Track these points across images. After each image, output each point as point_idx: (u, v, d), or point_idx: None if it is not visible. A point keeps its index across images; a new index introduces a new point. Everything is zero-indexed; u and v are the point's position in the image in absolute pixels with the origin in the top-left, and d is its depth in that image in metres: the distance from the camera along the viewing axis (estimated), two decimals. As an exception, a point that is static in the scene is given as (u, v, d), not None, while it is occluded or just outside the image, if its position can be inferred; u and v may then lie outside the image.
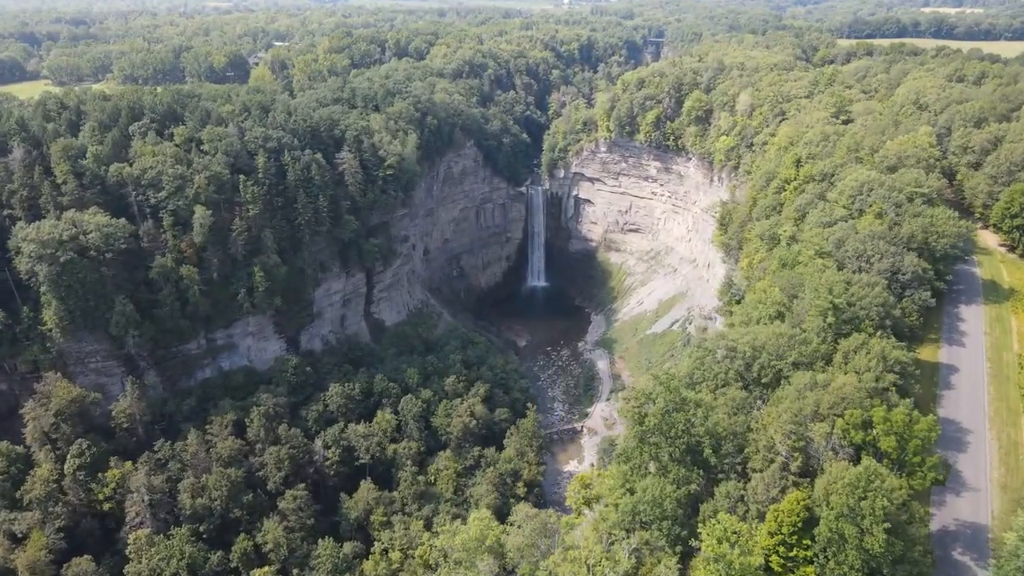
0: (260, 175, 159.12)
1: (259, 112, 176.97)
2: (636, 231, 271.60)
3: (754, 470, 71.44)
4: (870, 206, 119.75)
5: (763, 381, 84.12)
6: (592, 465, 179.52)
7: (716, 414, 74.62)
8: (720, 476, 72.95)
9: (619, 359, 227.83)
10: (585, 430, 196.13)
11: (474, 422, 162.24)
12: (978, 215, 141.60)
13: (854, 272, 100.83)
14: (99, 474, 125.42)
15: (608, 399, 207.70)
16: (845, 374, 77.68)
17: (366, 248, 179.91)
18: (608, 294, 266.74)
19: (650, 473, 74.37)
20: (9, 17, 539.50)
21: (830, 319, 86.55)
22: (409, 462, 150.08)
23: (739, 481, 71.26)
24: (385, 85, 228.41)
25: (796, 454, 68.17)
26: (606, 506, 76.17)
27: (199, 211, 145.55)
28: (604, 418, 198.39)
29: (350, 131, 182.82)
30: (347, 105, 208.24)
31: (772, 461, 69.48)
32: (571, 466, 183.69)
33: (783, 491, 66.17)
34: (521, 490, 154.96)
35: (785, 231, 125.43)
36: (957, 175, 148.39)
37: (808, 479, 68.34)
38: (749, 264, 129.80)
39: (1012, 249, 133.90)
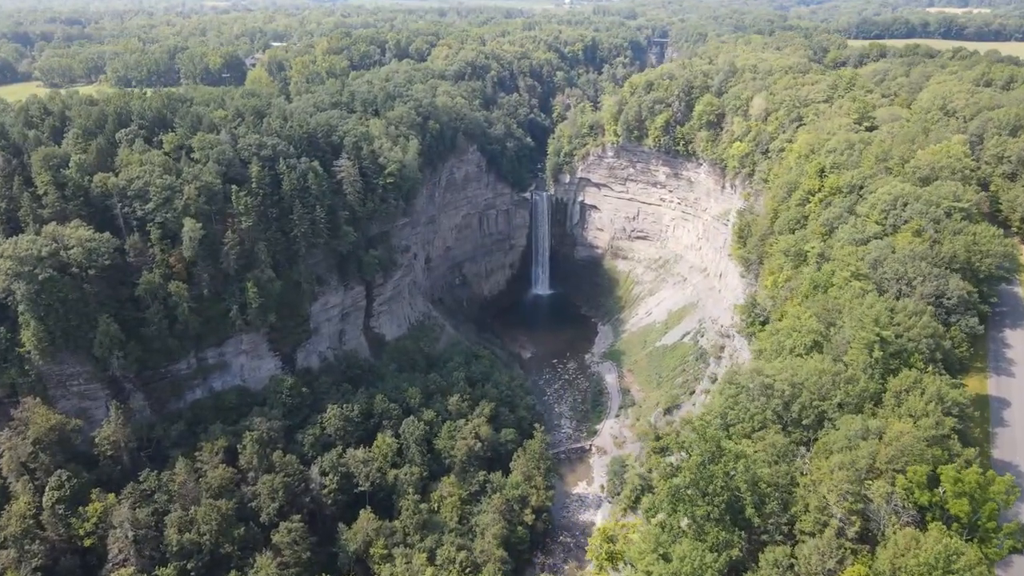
0: (254, 185, 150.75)
1: (253, 118, 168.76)
2: (644, 238, 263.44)
3: (803, 532, 63.35)
4: (905, 222, 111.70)
5: (804, 423, 76.01)
6: (602, 486, 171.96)
7: (757, 465, 66.42)
8: (764, 537, 64.80)
9: (628, 372, 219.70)
10: (594, 449, 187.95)
11: (479, 445, 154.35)
12: (1015, 229, 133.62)
13: (896, 297, 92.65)
14: (80, 507, 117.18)
15: (617, 415, 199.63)
16: (899, 419, 69.54)
17: (366, 260, 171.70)
18: (615, 303, 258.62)
19: (684, 533, 66.23)
20: (3, 16, 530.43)
21: (877, 353, 78.44)
22: (411, 489, 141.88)
23: (787, 545, 63.11)
24: (385, 88, 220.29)
25: (853, 517, 60.04)
26: (636, 572, 68.02)
27: (189, 224, 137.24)
28: (613, 436, 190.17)
29: (349, 137, 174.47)
30: (346, 109, 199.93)
31: (826, 524, 61.36)
32: (580, 488, 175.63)
33: (840, 562, 58.11)
34: (529, 517, 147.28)
35: (813, 248, 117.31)
36: (991, 186, 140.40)
37: (867, 546, 60.24)
38: (774, 283, 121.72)
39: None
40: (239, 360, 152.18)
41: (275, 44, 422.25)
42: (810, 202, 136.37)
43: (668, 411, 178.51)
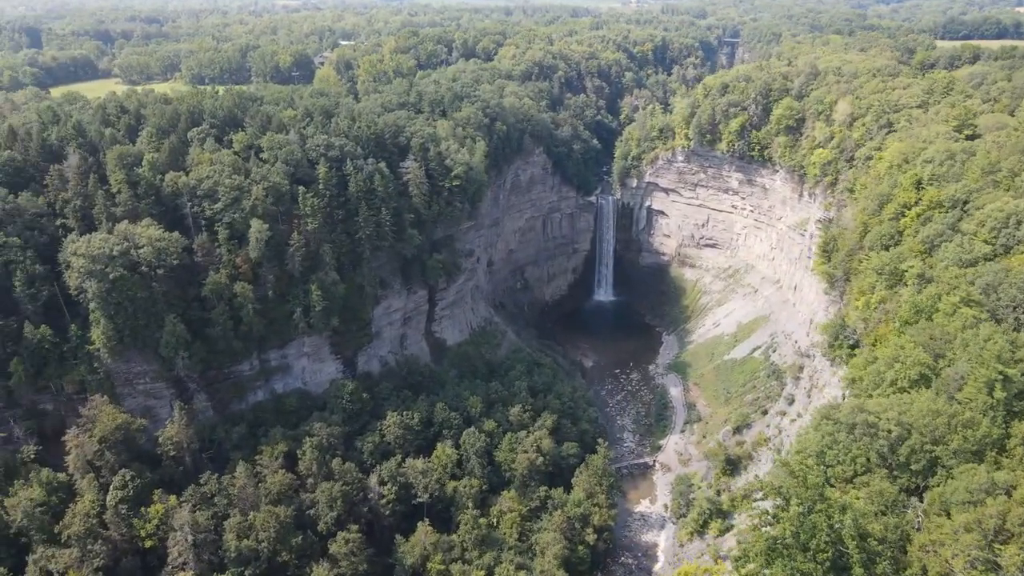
0: (321, 186, 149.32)
1: (322, 117, 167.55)
2: (713, 246, 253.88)
3: (920, 599, 56.27)
4: (1020, 242, 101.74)
5: (912, 468, 68.48)
6: (665, 506, 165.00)
7: (866, 518, 59.43)
8: (872, 601, 57.96)
9: (693, 386, 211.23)
10: (658, 465, 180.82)
11: (541, 459, 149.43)
12: None
13: (1014, 328, 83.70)
14: (142, 508, 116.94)
15: (682, 431, 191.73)
16: (1030, 472, 61.59)
17: (429, 264, 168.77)
18: (681, 313, 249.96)
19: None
20: (87, 15, 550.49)
21: (999, 394, 70.27)
22: (470, 503, 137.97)
23: (901, 614, 56.23)
24: (452, 88, 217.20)
25: (983, 588, 52.80)
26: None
27: (256, 224, 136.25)
28: (678, 452, 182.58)
29: (416, 138, 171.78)
30: (413, 110, 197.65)
31: (949, 594, 54.27)
32: (643, 506, 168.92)
33: (968, 639, 51.01)
34: (591, 537, 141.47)
35: (912, 267, 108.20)
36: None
37: (998, 622, 52.96)
38: (866, 304, 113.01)
39: None
40: (301, 363, 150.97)
41: (343, 43, 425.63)
42: (905, 216, 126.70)
43: (738, 430, 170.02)
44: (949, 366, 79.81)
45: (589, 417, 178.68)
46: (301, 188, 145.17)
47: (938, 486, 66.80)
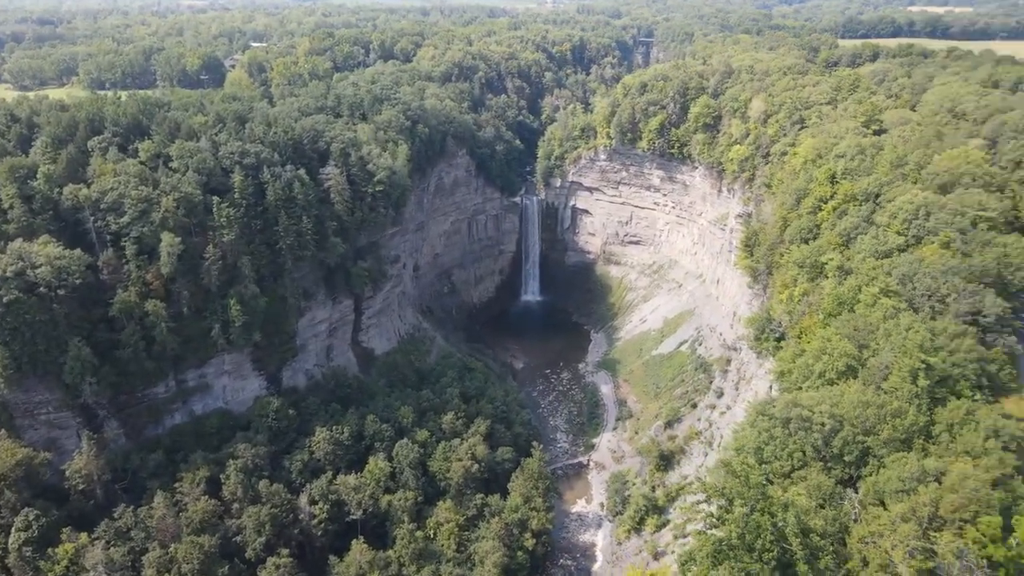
0: (236, 195, 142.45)
1: (235, 123, 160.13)
2: (637, 243, 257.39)
3: (861, 593, 56.95)
4: (929, 232, 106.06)
5: (846, 459, 69.73)
6: (602, 504, 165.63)
7: (808, 515, 59.83)
8: (816, 598, 58.28)
9: (623, 382, 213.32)
10: (592, 464, 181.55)
11: (476, 466, 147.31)
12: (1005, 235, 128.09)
13: (931, 316, 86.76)
14: (49, 548, 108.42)
15: (615, 428, 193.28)
16: (956, 457, 63.41)
17: (354, 272, 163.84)
18: (608, 310, 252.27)
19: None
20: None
21: (922, 382, 72.39)
22: (406, 516, 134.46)
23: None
24: (372, 91, 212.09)
25: (921, 579, 53.76)
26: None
27: (167, 238, 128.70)
28: (612, 450, 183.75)
29: (336, 143, 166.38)
30: (331, 114, 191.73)
31: (889, 587, 55.05)
32: (579, 506, 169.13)
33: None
34: (529, 542, 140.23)
35: (831, 260, 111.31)
36: (1006, 192, 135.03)
37: (936, 611, 54.05)
38: (789, 297, 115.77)
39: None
40: (221, 381, 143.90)
41: (255, 45, 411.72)
42: (822, 210, 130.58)
43: (669, 424, 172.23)
44: (874, 356, 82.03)
45: (522, 420, 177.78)
46: (215, 198, 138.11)
47: (871, 476, 68.24)
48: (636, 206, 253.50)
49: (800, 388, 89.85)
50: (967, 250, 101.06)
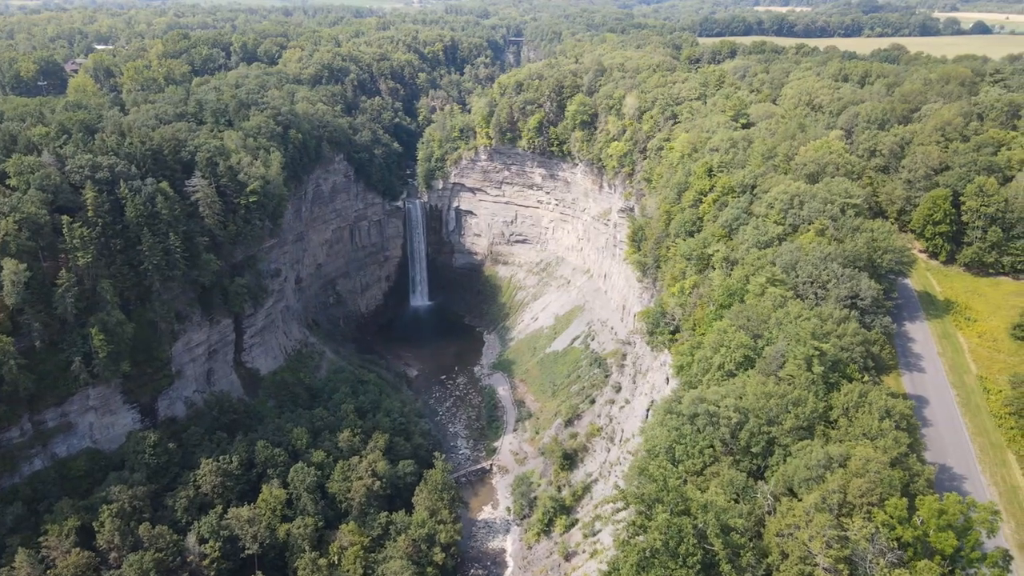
0: (90, 213, 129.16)
1: (82, 134, 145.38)
2: (523, 242, 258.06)
3: (785, 584, 57.39)
4: (804, 221, 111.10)
5: (753, 451, 70.83)
6: (508, 509, 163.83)
7: (727, 514, 59.80)
8: (742, 595, 58.32)
9: (520, 382, 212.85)
10: (495, 468, 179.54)
11: (378, 483, 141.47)
12: (892, 221, 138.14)
13: (815, 303, 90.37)
14: None
15: (515, 430, 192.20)
16: (856, 441, 65.62)
17: (232, 290, 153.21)
18: (499, 311, 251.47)
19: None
20: None
21: (817, 368, 74.75)
22: (306, 544, 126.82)
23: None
24: (237, 95, 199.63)
25: (841, 566, 54.62)
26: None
27: (10, 265, 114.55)
28: (514, 452, 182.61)
29: (201, 152, 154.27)
30: (193, 121, 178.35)
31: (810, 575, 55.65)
32: (485, 512, 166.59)
33: (835, 617, 52.54)
34: (439, 556, 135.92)
35: (718, 251, 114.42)
36: (862, 179, 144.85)
37: (857, 594, 55.17)
38: (681, 289, 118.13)
39: (934, 256, 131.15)
40: (87, 419, 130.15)
41: (99, 47, 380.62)
42: (703, 203, 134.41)
43: (569, 422, 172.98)
44: (767, 346, 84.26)
45: (422, 430, 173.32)
46: (65, 218, 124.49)
47: (777, 466, 69.61)
48: (520, 205, 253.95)
49: (700, 381, 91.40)
50: (839, 236, 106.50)
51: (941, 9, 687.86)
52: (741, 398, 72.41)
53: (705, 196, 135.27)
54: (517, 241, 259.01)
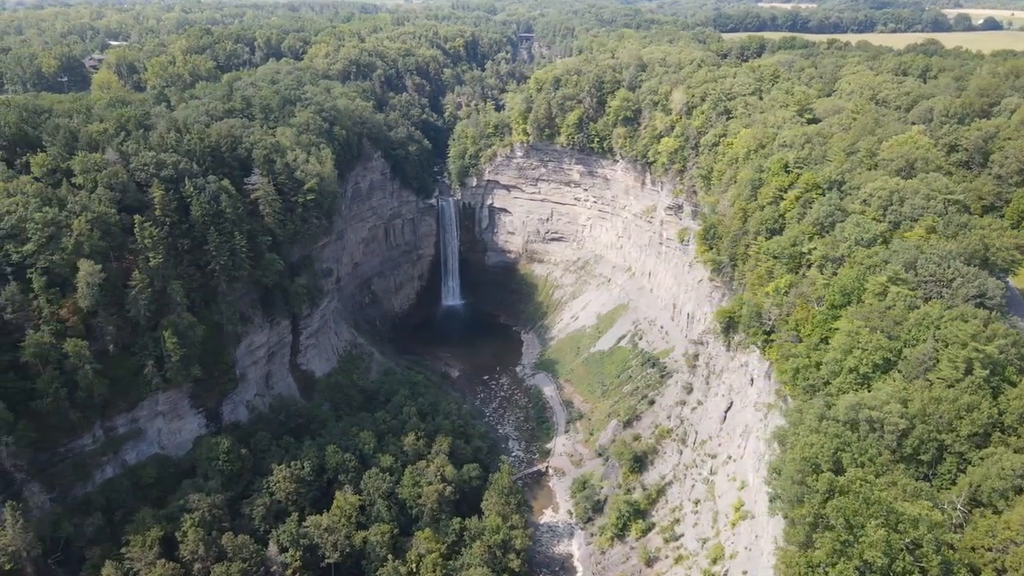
0: (158, 212, 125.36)
1: (141, 131, 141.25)
2: (559, 240, 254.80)
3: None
4: (906, 218, 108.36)
5: (921, 458, 68.04)
6: (569, 512, 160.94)
7: (940, 530, 56.68)
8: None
9: (565, 382, 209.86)
10: (551, 471, 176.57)
11: (449, 488, 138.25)
12: (979, 217, 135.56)
13: (948, 306, 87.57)
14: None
15: (567, 431, 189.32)
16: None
17: (292, 290, 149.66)
18: (536, 310, 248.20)
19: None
20: None
21: (979, 372, 71.96)
22: (386, 552, 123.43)
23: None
24: (279, 91, 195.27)
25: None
26: None
27: (85, 266, 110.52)
28: (568, 454, 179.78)
29: (258, 149, 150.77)
30: (241, 117, 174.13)
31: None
32: (547, 516, 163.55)
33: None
34: (514, 562, 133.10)
35: (816, 250, 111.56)
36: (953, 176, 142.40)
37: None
38: (776, 289, 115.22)
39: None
40: (155, 424, 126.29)
41: (113, 43, 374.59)
42: (784, 199, 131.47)
43: (628, 423, 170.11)
44: (906, 347, 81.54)
45: (480, 432, 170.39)
46: (137, 217, 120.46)
47: (948, 474, 66.95)
48: (556, 202, 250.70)
49: (825, 385, 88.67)
50: (948, 233, 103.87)
51: (945, 5, 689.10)
52: (906, 403, 69.52)
53: (786, 193, 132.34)
54: (553, 239, 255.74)
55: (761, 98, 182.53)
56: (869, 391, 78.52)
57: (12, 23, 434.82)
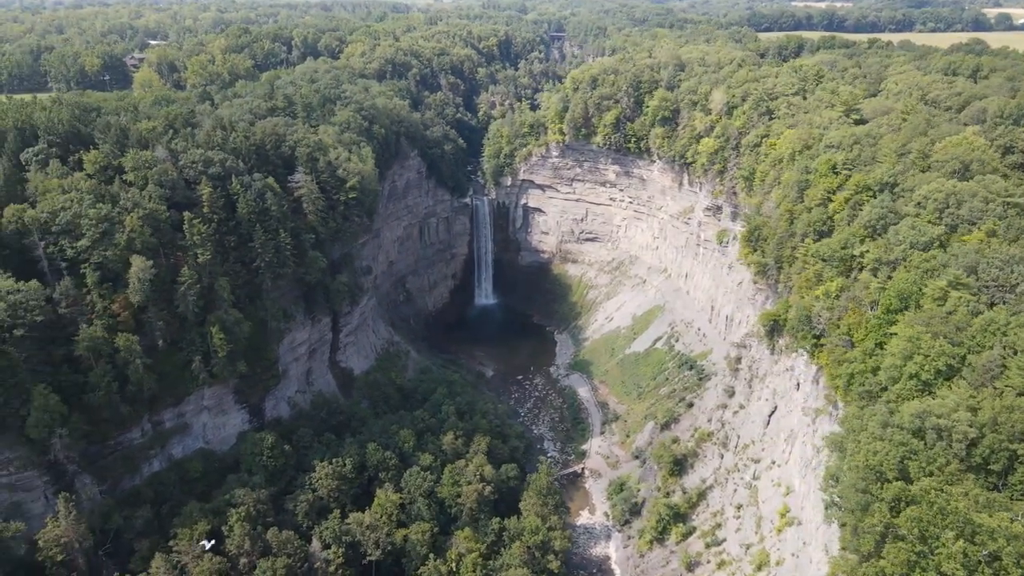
0: (206, 209, 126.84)
1: (188, 129, 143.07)
2: (594, 240, 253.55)
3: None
4: (964, 221, 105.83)
5: (991, 468, 66.32)
6: (606, 514, 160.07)
7: (1018, 540, 55.17)
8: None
9: (600, 383, 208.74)
10: (587, 472, 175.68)
11: (488, 488, 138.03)
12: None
13: (1014, 312, 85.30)
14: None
15: (602, 432, 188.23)
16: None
17: (334, 287, 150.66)
18: (570, 310, 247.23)
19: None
20: None
21: (1051, 381, 70.01)
22: (426, 551, 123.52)
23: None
24: (319, 90, 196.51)
25: None
26: None
27: (137, 262, 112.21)
28: (604, 456, 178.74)
29: (301, 148, 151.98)
30: (284, 115, 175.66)
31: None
32: (583, 518, 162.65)
33: None
34: (553, 564, 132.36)
35: (868, 253, 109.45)
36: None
37: None
38: (826, 292, 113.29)
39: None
40: (201, 419, 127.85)
41: (152, 43, 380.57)
42: (833, 201, 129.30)
43: (666, 425, 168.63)
44: (969, 354, 79.64)
45: (516, 432, 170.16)
46: (187, 214, 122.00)
47: (1019, 485, 65.18)
48: (591, 202, 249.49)
49: (884, 391, 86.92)
50: (1010, 237, 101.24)
51: (985, 5, 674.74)
52: (975, 411, 67.84)
53: (834, 194, 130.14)
54: (587, 239, 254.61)
55: (805, 98, 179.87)
56: (932, 398, 76.80)
57: (53, 22, 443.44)
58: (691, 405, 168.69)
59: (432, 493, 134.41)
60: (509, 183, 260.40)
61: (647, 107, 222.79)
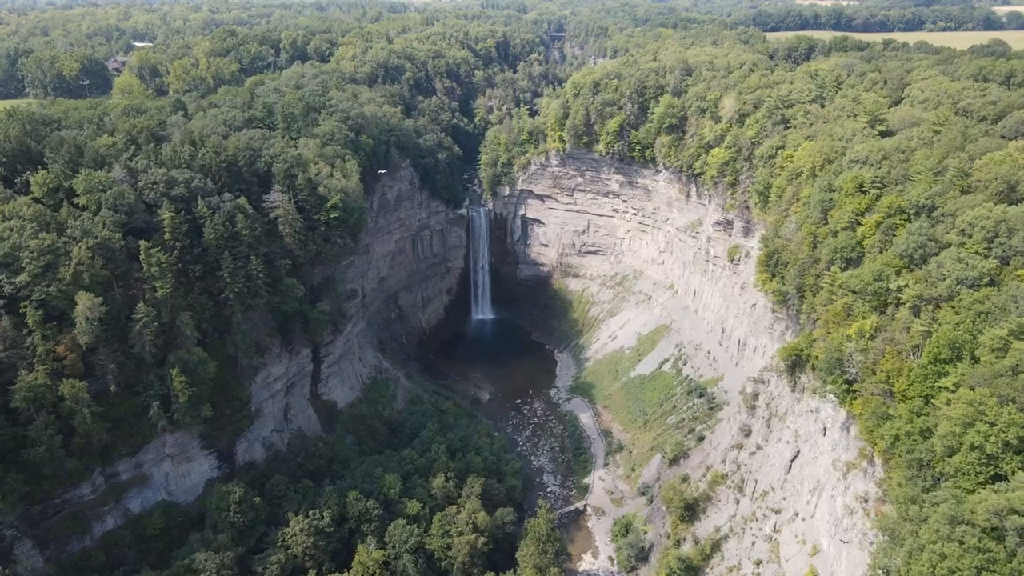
0: (167, 236, 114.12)
1: (152, 144, 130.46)
2: (596, 253, 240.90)
3: None
4: (1016, 252, 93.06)
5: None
6: (610, 558, 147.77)
7: None
8: None
9: (603, 409, 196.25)
10: (589, 510, 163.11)
11: (481, 539, 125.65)
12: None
13: (1089, 366, 72.67)
14: None
15: (606, 464, 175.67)
16: None
17: (313, 317, 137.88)
18: (571, 327, 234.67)
19: None
20: None
21: None
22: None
23: None
24: (303, 97, 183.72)
25: None
26: None
27: (84, 299, 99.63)
28: (608, 491, 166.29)
29: (278, 163, 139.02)
30: (263, 126, 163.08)
31: None
32: (585, 562, 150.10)
33: None
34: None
35: (908, 287, 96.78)
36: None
37: None
38: (860, 332, 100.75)
39: None
40: (162, 468, 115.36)
41: (138, 45, 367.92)
42: (862, 225, 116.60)
43: (675, 460, 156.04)
44: (1045, 423, 67.18)
45: (513, 469, 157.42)
46: (142, 242, 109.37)
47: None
48: (593, 214, 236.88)
49: (937, 462, 74.44)
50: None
51: (994, 3, 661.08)
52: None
53: (863, 217, 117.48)
54: (589, 252, 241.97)
55: (823, 106, 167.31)
56: (1002, 479, 64.27)
57: (39, 24, 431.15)
58: (701, 438, 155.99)
59: (420, 547, 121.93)
60: (507, 193, 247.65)
61: (652, 114, 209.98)
